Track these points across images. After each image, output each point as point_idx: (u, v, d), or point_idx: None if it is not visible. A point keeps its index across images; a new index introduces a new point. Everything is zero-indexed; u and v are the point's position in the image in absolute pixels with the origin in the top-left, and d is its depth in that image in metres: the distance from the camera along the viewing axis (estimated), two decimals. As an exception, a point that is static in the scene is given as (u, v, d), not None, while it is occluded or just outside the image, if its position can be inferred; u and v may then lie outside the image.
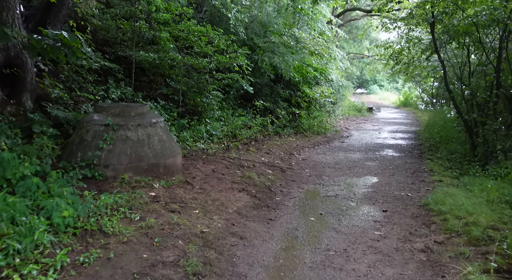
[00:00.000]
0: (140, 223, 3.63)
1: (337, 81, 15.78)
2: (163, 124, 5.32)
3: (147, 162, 4.90)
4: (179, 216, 3.97)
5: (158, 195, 4.50)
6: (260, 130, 10.28)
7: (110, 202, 3.88)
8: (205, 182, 5.35)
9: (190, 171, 5.74)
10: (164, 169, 5.09)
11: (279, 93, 11.77)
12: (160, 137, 5.15)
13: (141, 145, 4.89)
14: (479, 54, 9.30)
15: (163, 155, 5.08)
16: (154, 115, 5.38)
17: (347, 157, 8.79)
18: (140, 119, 5.04)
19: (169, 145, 5.23)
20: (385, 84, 36.27)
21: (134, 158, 4.80)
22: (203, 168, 6.01)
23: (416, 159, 8.74)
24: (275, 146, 8.95)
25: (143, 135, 4.95)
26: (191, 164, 6.10)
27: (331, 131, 12.72)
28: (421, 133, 12.83)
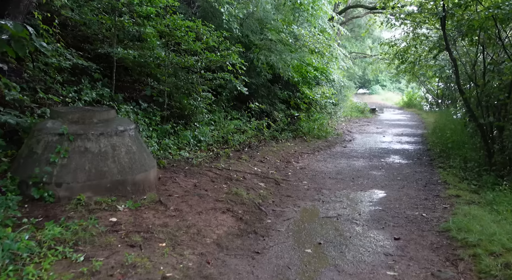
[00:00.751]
0: (82, 266, 2.77)
1: (338, 81, 14.88)
2: (133, 133, 4.46)
3: (111, 179, 4.03)
4: (139, 253, 3.10)
5: (119, 221, 3.64)
6: (256, 134, 9.41)
7: (51, 235, 3.01)
8: (183, 200, 4.48)
9: (167, 186, 4.87)
10: (132, 186, 4.22)
11: (277, 94, 10.90)
12: (128, 148, 4.28)
13: (103, 158, 4.03)
14: (494, 52, 8.41)
15: (131, 170, 4.21)
16: (123, 121, 4.52)
17: (350, 165, 7.91)
18: (104, 127, 4.18)
19: (139, 158, 4.37)
20: (388, 84, 35.33)
21: (94, 175, 3.94)
22: (184, 182, 5.14)
23: (426, 167, 7.85)
24: (271, 153, 8.08)
25: (106, 146, 4.09)
26: (170, 177, 5.24)
27: (332, 135, 11.83)
28: (428, 137, 11.93)
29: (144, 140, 6.00)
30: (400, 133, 13.00)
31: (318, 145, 10.18)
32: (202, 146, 7.29)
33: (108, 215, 3.72)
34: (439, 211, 4.94)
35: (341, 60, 13.79)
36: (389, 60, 19.85)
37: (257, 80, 10.09)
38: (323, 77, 12.91)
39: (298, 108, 12.28)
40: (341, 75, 15.65)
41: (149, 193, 4.39)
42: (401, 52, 12.13)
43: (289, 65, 10.87)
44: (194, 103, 7.60)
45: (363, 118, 17.40)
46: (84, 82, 6.46)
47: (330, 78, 13.50)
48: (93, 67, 6.80)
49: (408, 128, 14.18)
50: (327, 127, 12.47)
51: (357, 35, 22.93)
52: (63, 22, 7.75)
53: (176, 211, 4.15)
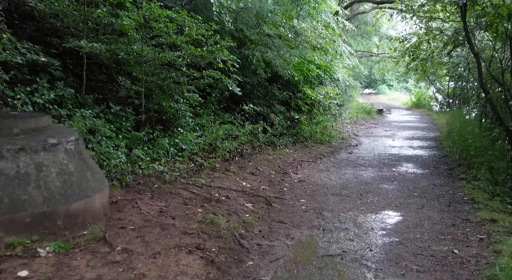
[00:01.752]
0: None
1: (344, 80, 13.71)
2: (72, 146, 3.35)
3: (32, 211, 2.94)
4: None
5: (31, 277, 2.54)
6: (250, 140, 8.29)
7: None
8: (139, 235, 3.37)
9: (123, 214, 3.77)
10: (66, 219, 3.12)
11: (275, 95, 9.76)
12: (62, 167, 3.18)
13: (22, 183, 2.93)
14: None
15: (65, 197, 3.11)
16: (59, 131, 3.41)
17: (357, 176, 6.75)
18: (26, 140, 3.08)
19: (79, 180, 3.27)
20: (395, 83, 33.98)
21: (6, 206, 2.85)
22: (148, 206, 4.03)
23: (445, 179, 6.67)
24: (265, 163, 6.95)
25: (28, 166, 2.99)
26: (131, 200, 4.13)
27: (337, 139, 10.67)
28: (442, 141, 10.73)
29: (108, 151, 4.90)
30: (411, 136, 11.80)
31: (321, 151, 9.02)
32: (184, 156, 6.19)
33: (18, 266, 2.62)
34: (475, 245, 3.78)
35: (346, 57, 12.62)
36: (397, 58, 18.67)
37: (253, 79, 8.97)
38: (327, 76, 11.75)
39: (299, 110, 11.14)
40: (347, 74, 14.48)
41: (92, 227, 3.28)
42: (412, 48, 10.93)
43: (289, 63, 9.75)
44: (176, 105, 6.49)
45: (370, 120, 16.20)
46: (41, 81, 5.38)
47: (334, 77, 12.34)
48: (55, 63, 5.72)
49: (419, 131, 12.97)
50: (331, 130, 11.31)
51: (363, 32, 21.69)
52: (28, 13, 6.74)
53: (124, 253, 3.04)
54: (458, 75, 16.48)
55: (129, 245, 3.16)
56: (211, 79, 7.46)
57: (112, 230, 3.36)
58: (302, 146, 9.18)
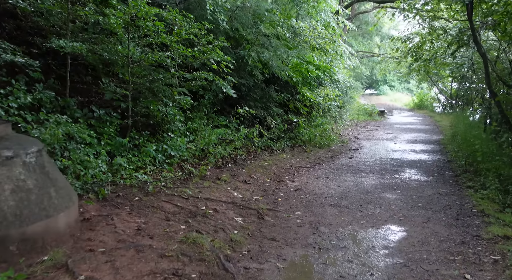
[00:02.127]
0: None
1: (344, 81, 13.30)
2: (33, 159, 2.94)
3: (-21, 237, 2.53)
4: None
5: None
6: (245, 145, 7.87)
7: None
8: (109, 260, 2.96)
9: (95, 232, 3.36)
10: (21, 244, 2.72)
11: (272, 97, 9.34)
12: (18, 184, 2.77)
13: (-31, 203, 2.53)
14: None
15: (19, 219, 2.70)
16: (17, 142, 3.01)
17: (357, 184, 6.33)
18: (-24, 153, 2.67)
19: (38, 197, 2.86)
20: (396, 84, 33.49)
21: None
22: (124, 223, 3.62)
23: (451, 187, 6.24)
24: (260, 169, 6.53)
25: (-24, 184, 2.58)
26: (107, 215, 3.72)
27: (336, 142, 10.24)
28: (446, 144, 10.28)
29: (87, 160, 4.49)
30: (413, 139, 11.35)
31: (320, 156, 8.60)
32: (173, 163, 5.78)
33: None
34: (488, 268, 3.35)
35: (346, 58, 12.20)
36: (399, 59, 18.23)
37: (249, 81, 8.55)
38: (327, 77, 11.35)
39: (298, 113, 10.73)
40: (347, 75, 14.07)
41: (54, 251, 2.87)
42: (415, 48, 10.50)
43: (287, 64, 9.34)
44: (164, 109, 6.07)
45: (371, 122, 15.76)
46: (17, 83, 4.98)
47: (334, 78, 11.93)
48: (34, 64, 5.32)
49: (422, 133, 12.52)
50: (331, 133, 10.88)
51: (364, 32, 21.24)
52: (9, 10, 6.37)
53: (88, 282, 2.63)
54: (461, 76, 16.02)
55: (95, 273, 2.75)
56: (203, 81, 7.07)
57: (78, 254, 2.95)
58: (300, 150, 8.75)
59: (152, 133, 6.12)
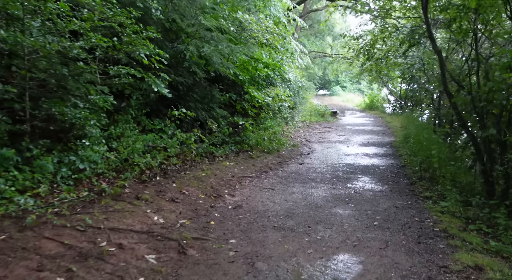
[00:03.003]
0: None
1: (296, 81, 12.57)
2: None
3: None
4: None
5: None
6: (182, 152, 6.81)
7: None
8: None
9: None
10: None
11: (215, 97, 8.33)
12: None
13: None
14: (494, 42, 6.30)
15: None
16: None
17: (306, 197, 5.49)
18: None
19: None
20: (348, 85, 33.67)
21: None
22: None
23: (408, 198, 5.57)
24: (195, 182, 5.50)
25: None
26: None
27: (287, 146, 9.44)
28: (398, 147, 9.81)
29: None
30: (366, 142, 10.82)
31: (268, 162, 7.72)
32: (82, 179, 4.61)
33: None
34: (465, 321, 2.58)
35: (298, 56, 11.46)
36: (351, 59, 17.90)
37: (188, 79, 7.48)
38: (277, 76, 10.52)
39: (246, 114, 9.81)
40: (300, 75, 13.37)
41: None
42: (367, 46, 9.94)
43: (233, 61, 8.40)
44: (71, 111, 4.87)
45: (323, 123, 15.21)
46: None
47: (285, 77, 11.15)
48: None
49: (374, 135, 12.07)
50: (281, 136, 10.07)
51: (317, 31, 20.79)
52: None
53: None
54: (410, 77, 15.91)
55: None
56: (130, 78, 5.95)
57: None
58: (246, 156, 7.82)
59: (57, 141, 4.90)
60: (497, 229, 4.23)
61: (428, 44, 9.69)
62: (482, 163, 5.75)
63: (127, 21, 5.59)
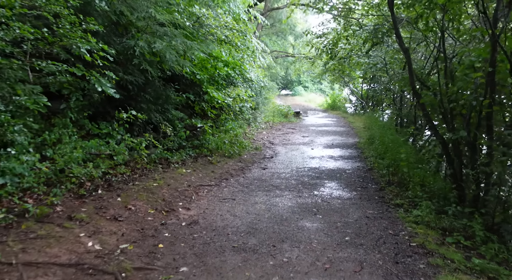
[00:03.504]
0: None
1: (258, 81, 12.05)
2: None
3: None
4: None
5: None
6: (133, 159, 6.07)
7: None
8: None
9: None
10: None
11: (170, 98, 7.61)
12: None
13: None
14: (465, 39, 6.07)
15: None
16: None
17: (270, 208, 4.96)
18: None
19: None
20: (310, 85, 33.71)
21: None
22: None
23: (378, 205, 5.18)
24: (145, 194, 4.81)
25: None
26: None
27: (249, 150, 8.88)
28: (364, 149, 9.53)
29: None
30: (330, 143, 10.49)
31: (228, 168, 7.12)
32: (1, 198, 3.79)
33: None
34: None
35: (259, 55, 10.94)
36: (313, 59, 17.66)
37: (138, 78, 6.73)
38: (238, 76, 9.94)
39: (205, 116, 9.16)
40: (262, 75, 12.87)
41: None
42: (330, 44, 9.59)
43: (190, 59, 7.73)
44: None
45: (287, 124, 14.81)
46: None
47: (247, 77, 10.59)
48: None
49: (338, 136, 11.79)
50: (243, 139, 9.50)
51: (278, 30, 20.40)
52: None
53: None
54: (371, 77, 15.90)
55: None
56: (68, 76, 5.17)
57: None
58: (205, 162, 7.18)
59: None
60: (475, 241, 3.88)
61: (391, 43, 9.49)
62: (452, 167, 5.48)
63: (63, 11, 4.84)
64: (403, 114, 11.90)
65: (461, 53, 6.54)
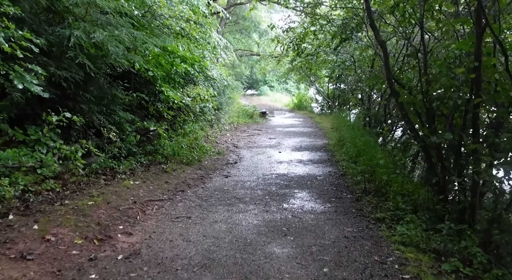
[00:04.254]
0: None
1: (221, 79, 11.14)
2: None
3: None
4: None
5: None
6: (67, 170, 5.00)
7: None
8: None
9: None
10: None
11: (118, 98, 6.56)
12: None
13: None
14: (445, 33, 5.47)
15: None
16: None
17: (232, 228, 4.09)
18: None
19: None
20: (275, 85, 33.10)
21: None
22: None
23: (357, 220, 4.45)
24: (73, 218, 3.79)
25: None
26: None
27: (210, 154, 7.97)
28: (333, 151, 8.87)
29: None
30: (298, 145, 9.77)
31: (186, 177, 6.19)
32: None
33: None
34: None
35: (221, 51, 10.04)
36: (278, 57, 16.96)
37: (77, 74, 5.64)
38: (198, 74, 8.98)
39: (162, 118, 8.16)
40: (226, 73, 11.96)
41: None
42: (297, 39, 8.85)
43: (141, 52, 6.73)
44: None
45: (252, 124, 13.99)
46: None
47: (208, 74, 9.66)
48: None
49: (306, 138, 11.10)
50: (204, 142, 8.57)
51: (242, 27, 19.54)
52: None
53: None
54: (337, 76, 15.40)
55: None
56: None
57: None
58: (158, 171, 6.20)
59: None
60: (476, 268, 3.21)
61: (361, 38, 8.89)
62: (434, 173, 4.86)
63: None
64: (371, 114, 11.42)
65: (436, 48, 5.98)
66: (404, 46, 8.38)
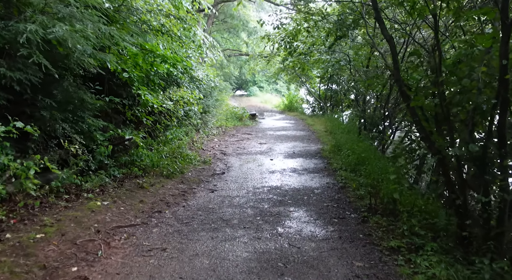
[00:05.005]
0: None
1: (207, 80, 10.28)
2: None
3: None
4: None
5: None
6: (18, 191, 4.11)
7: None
8: None
9: None
10: None
11: (87, 103, 5.65)
12: None
13: None
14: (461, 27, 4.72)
15: None
16: None
17: (217, 266, 3.27)
18: None
19: None
20: (265, 85, 32.26)
21: None
22: None
23: (367, 251, 3.66)
24: (12, 258, 2.92)
25: None
26: None
27: (195, 164, 7.12)
28: (329, 158, 8.08)
29: None
30: (291, 151, 8.97)
31: (164, 193, 5.33)
32: None
33: None
34: None
35: (206, 50, 9.18)
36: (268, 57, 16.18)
37: (34, 76, 4.74)
38: (182, 75, 8.11)
39: (140, 124, 7.27)
40: (214, 74, 11.10)
41: None
42: (289, 37, 8.05)
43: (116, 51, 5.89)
44: None
45: (242, 128, 13.15)
46: None
47: (194, 76, 8.80)
48: None
49: (299, 142, 10.30)
50: (188, 150, 7.72)
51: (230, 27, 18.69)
52: None
53: None
54: (329, 76, 14.67)
55: None
56: None
57: None
58: (133, 186, 5.33)
59: None
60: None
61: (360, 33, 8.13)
62: (452, 191, 4.10)
63: None
64: (367, 116, 10.70)
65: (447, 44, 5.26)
66: (404, 43, 7.66)
